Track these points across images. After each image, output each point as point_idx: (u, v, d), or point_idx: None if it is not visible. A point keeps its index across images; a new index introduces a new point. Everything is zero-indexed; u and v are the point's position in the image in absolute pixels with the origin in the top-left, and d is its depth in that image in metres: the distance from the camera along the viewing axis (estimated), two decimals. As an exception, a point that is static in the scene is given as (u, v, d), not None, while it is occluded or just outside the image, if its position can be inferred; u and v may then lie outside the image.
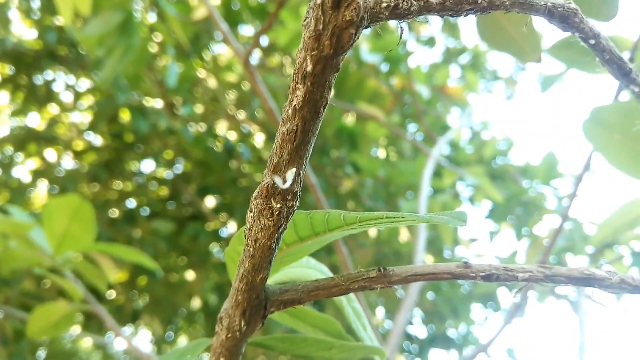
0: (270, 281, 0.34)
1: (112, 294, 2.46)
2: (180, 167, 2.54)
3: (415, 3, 0.23)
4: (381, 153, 2.50)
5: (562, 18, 0.26)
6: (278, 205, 0.25)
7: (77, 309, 0.78)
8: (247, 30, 2.39)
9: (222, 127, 2.55)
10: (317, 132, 0.25)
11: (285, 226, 0.26)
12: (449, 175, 1.78)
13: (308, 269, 0.38)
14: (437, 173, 2.01)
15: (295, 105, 0.23)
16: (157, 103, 2.26)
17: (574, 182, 0.86)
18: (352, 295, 0.42)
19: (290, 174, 0.25)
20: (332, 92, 1.95)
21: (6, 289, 1.90)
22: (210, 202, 2.56)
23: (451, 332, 2.82)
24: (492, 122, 2.56)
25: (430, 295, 2.39)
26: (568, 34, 0.79)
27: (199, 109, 2.49)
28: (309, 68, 0.23)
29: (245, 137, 2.54)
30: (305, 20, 0.22)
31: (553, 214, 1.82)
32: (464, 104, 1.95)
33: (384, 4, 0.23)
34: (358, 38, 0.23)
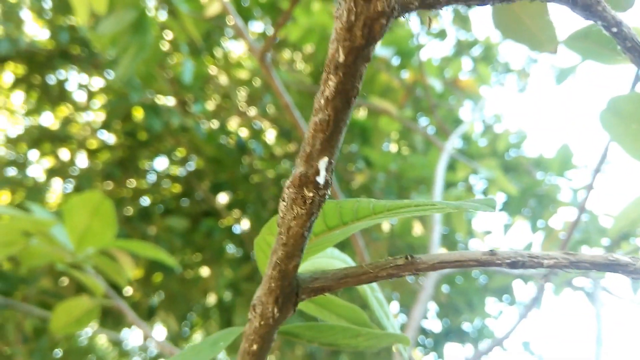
0: (299, 270, 0.35)
1: (128, 291, 2.49)
2: (193, 165, 2.55)
3: None
4: (393, 147, 2.49)
5: (585, 6, 0.26)
6: (310, 194, 0.26)
7: (99, 304, 0.79)
8: (257, 26, 2.40)
9: (234, 124, 2.56)
10: (348, 121, 0.25)
11: (317, 214, 0.27)
12: (462, 168, 1.78)
13: (333, 259, 0.39)
14: (451, 166, 2.00)
15: (327, 95, 0.24)
16: (170, 101, 2.27)
17: (591, 174, 0.86)
18: (375, 285, 0.42)
19: (323, 163, 0.25)
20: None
21: (24, 287, 1.93)
22: (223, 198, 2.57)
23: (466, 326, 2.82)
24: (505, 114, 2.55)
25: (445, 288, 2.39)
26: (584, 24, 0.78)
27: (210, 105, 2.50)
28: (341, 59, 0.23)
29: (257, 134, 2.54)
30: (337, 11, 0.23)
31: (568, 206, 1.81)
32: (477, 97, 1.94)
33: None
34: (390, 27, 0.23)
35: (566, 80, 1.10)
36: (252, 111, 2.55)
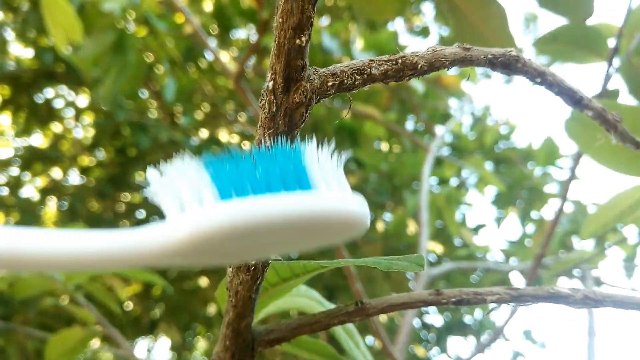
0: (261, 314, 0.36)
1: (129, 306, 2.49)
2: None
3: (358, 77, 0.25)
4: (383, 146, 2.50)
5: (504, 66, 0.27)
6: (253, 262, 0.27)
7: (91, 334, 0.80)
8: (241, 32, 2.40)
9: (223, 133, 2.57)
10: None
11: (262, 278, 0.28)
12: (449, 167, 1.79)
13: (298, 297, 0.40)
14: (440, 163, 2.02)
15: None
16: (157, 114, 2.28)
17: (572, 165, 0.87)
18: None
19: None
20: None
21: (25, 309, 1.93)
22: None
23: (467, 319, 2.83)
24: (493, 107, 2.56)
25: (442, 285, 2.40)
26: (551, 27, 0.79)
27: (199, 115, 2.51)
28: (268, 144, 0.25)
29: (248, 139, 2.55)
30: (260, 102, 0.25)
31: (556, 197, 1.83)
32: (461, 93, 1.95)
33: (330, 83, 0.25)
34: (309, 113, 0.24)
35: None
36: (242, 117, 2.56)
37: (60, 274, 0.73)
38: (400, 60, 0.26)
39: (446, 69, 0.27)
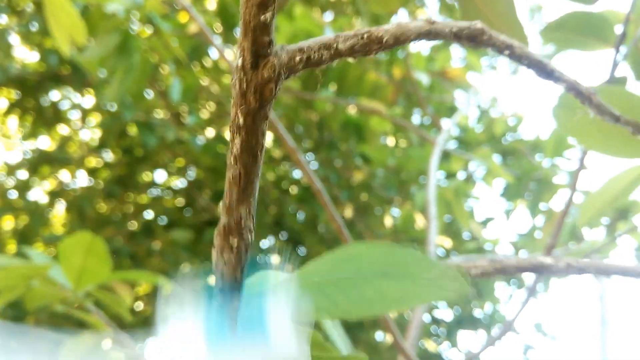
0: None
1: (139, 306, 2.51)
2: (192, 175, 2.57)
3: (325, 52, 0.26)
4: (390, 141, 2.50)
5: (470, 38, 0.27)
6: (235, 241, 0.28)
7: (101, 340, 0.80)
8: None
9: (229, 131, 2.57)
10: (259, 173, 0.28)
11: (245, 259, 0.29)
12: (457, 161, 1.78)
13: None
14: (447, 157, 2.01)
15: (235, 153, 0.27)
16: (163, 114, 2.28)
17: (580, 155, 0.86)
18: None
19: (243, 211, 0.28)
20: (335, 88, 1.94)
21: (36, 312, 1.95)
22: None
23: (477, 313, 2.83)
24: (500, 98, 2.55)
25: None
26: (558, 14, 0.78)
27: (205, 114, 2.51)
28: (241, 121, 0.26)
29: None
30: (232, 80, 0.26)
31: (565, 188, 1.81)
32: (467, 86, 1.94)
33: (297, 58, 0.26)
34: (280, 88, 0.26)
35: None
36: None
37: (69, 282, 0.73)
38: (365, 35, 0.27)
39: (412, 42, 0.27)
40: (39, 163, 2.48)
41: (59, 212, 2.60)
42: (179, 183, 2.61)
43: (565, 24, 0.76)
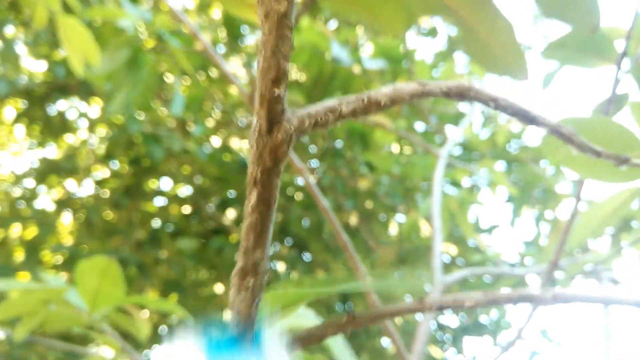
0: None
1: (145, 314, 2.52)
2: (198, 183, 2.58)
3: (331, 116, 0.30)
4: (395, 148, 2.51)
5: (459, 95, 0.31)
6: (251, 281, 0.31)
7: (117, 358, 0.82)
8: (250, 39, 2.41)
9: (235, 140, 2.59)
10: (273, 220, 0.31)
11: (260, 297, 0.32)
12: (461, 172, 1.79)
13: (297, 318, 0.45)
14: (452, 165, 2.02)
15: (252, 204, 0.30)
16: (169, 124, 2.30)
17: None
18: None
19: (258, 255, 0.31)
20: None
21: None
22: (231, 214, 2.60)
23: (483, 319, 2.83)
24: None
25: (458, 287, 2.40)
26: (561, 34, 0.80)
27: (210, 123, 2.53)
28: (258, 176, 0.30)
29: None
30: (250, 142, 0.30)
31: (569, 197, 1.82)
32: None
33: (306, 123, 0.30)
34: (291, 148, 0.30)
35: (551, 84, 1.11)
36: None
37: (85, 305, 0.75)
38: (366, 99, 0.31)
39: (405, 104, 0.30)
40: (46, 172, 2.51)
41: (67, 221, 2.62)
42: (185, 191, 2.63)
43: (566, 43, 0.77)
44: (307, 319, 0.44)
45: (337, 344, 0.45)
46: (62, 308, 0.72)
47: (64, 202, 2.48)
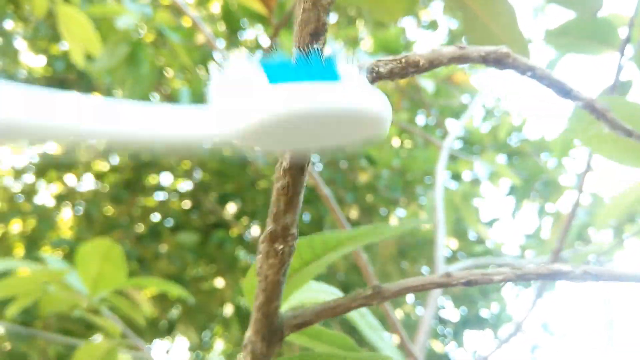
0: (284, 307, 0.39)
1: (149, 311, 2.51)
2: (198, 178, 2.58)
3: (368, 76, 0.28)
4: (395, 142, 2.50)
5: (496, 62, 0.30)
6: (281, 247, 0.31)
7: (117, 345, 0.81)
8: (249, 33, 2.40)
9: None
10: (304, 184, 0.30)
11: (289, 262, 0.32)
12: (463, 164, 1.78)
13: (316, 293, 0.44)
14: (453, 158, 2.01)
15: (284, 166, 0.29)
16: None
17: (587, 156, 0.87)
18: (364, 310, 0.48)
19: (289, 219, 0.30)
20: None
21: (45, 315, 1.96)
22: (231, 208, 2.59)
23: (484, 313, 2.83)
24: (505, 98, 2.55)
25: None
26: (562, 20, 0.79)
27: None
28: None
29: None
30: None
31: (572, 189, 1.81)
32: (472, 90, 1.94)
33: None
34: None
35: (554, 70, 1.10)
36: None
37: (85, 288, 0.74)
38: (404, 60, 0.29)
39: (444, 66, 0.30)
40: (46, 167, 2.50)
41: (66, 215, 2.61)
42: (185, 185, 2.62)
43: (569, 29, 0.77)
44: (328, 294, 0.44)
45: (365, 318, 0.45)
46: (62, 290, 0.72)
47: (64, 197, 2.47)
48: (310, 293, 0.44)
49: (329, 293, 0.44)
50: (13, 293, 0.73)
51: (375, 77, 0.29)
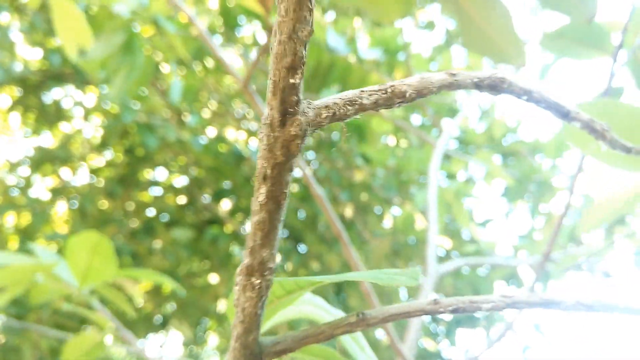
0: (269, 323, 0.38)
1: (140, 303, 2.52)
2: (193, 174, 2.58)
3: (350, 108, 0.27)
4: (391, 141, 2.50)
5: (491, 87, 0.28)
6: (258, 281, 0.30)
7: (106, 337, 0.81)
8: (247, 29, 2.40)
9: (231, 131, 2.58)
10: (282, 219, 0.29)
11: (266, 295, 0.31)
12: (457, 163, 1.79)
13: (303, 305, 0.43)
14: (448, 158, 2.02)
15: (260, 201, 0.28)
16: (165, 113, 2.29)
17: (579, 158, 0.87)
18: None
19: (266, 254, 0.29)
20: (337, 89, 1.95)
21: (38, 309, 1.96)
22: (226, 204, 2.59)
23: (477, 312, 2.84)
24: (500, 98, 2.56)
25: (452, 279, 2.41)
26: (559, 24, 0.79)
27: (206, 113, 2.52)
28: (268, 172, 0.27)
29: (255, 135, 2.56)
30: (260, 134, 0.27)
31: (565, 190, 1.82)
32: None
33: (324, 115, 0.27)
34: (305, 143, 0.27)
35: (548, 74, 1.11)
36: (250, 113, 2.57)
37: (75, 280, 0.74)
38: (389, 90, 0.28)
39: (433, 94, 0.28)
40: (41, 160, 2.49)
41: (61, 209, 2.61)
42: (180, 181, 2.62)
43: (564, 33, 0.77)
44: (315, 306, 0.43)
45: (354, 340, 0.44)
46: (51, 282, 0.72)
47: (59, 191, 2.47)
48: (296, 306, 0.43)
49: (316, 306, 0.43)
50: (2, 284, 0.74)
51: (359, 109, 0.27)
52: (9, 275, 0.70)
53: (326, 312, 0.42)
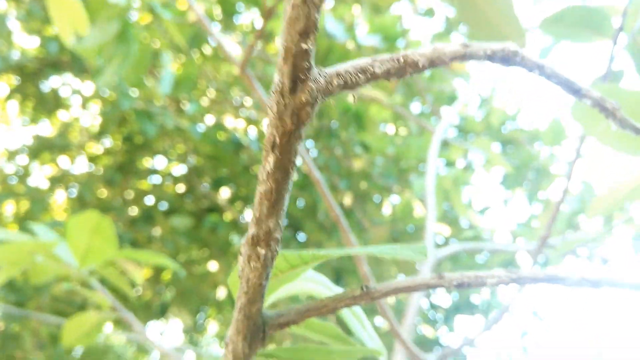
0: (271, 298, 0.38)
1: (139, 291, 2.53)
2: (192, 162, 2.58)
3: (362, 76, 0.27)
4: (390, 129, 2.50)
5: (504, 60, 0.28)
6: (263, 251, 0.29)
7: (106, 317, 0.82)
8: (245, 17, 2.39)
9: (229, 119, 2.57)
10: (289, 189, 0.29)
11: (271, 266, 0.30)
12: (456, 150, 1.79)
13: (306, 282, 0.43)
14: (446, 145, 2.01)
15: (268, 170, 0.27)
16: (163, 101, 2.28)
17: (577, 145, 0.87)
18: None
19: (272, 224, 0.29)
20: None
21: (38, 296, 1.97)
22: (225, 193, 2.59)
23: (475, 298, 2.86)
24: (500, 86, 2.55)
25: (449, 265, 2.41)
26: (558, 7, 0.79)
27: (205, 101, 2.51)
28: (277, 140, 0.27)
29: (254, 123, 2.56)
30: (269, 101, 0.26)
31: (562, 177, 1.82)
32: (467, 75, 1.94)
33: (335, 83, 0.27)
34: (316, 111, 0.27)
35: (547, 58, 1.10)
36: (248, 102, 2.56)
37: (75, 260, 0.75)
38: (402, 59, 0.27)
39: (445, 65, 0.27)
40: (40, 149, 2.49)
41: (60, 198, 2.61)
42: (179, 169, 2.62)
43: (564, 17, 0.77)
44: (318, 283, 0.43)
45: (356, 317, 0.44)
46: (50, 261, 0.72)
47: (57, 179, 2.47)
48: (299, 282, 0.43)
49: (319, 283, 0.43)
50: (1, 262, 0.74)
51: (370, 77, 0.27)
52: (9, 253, 0.70)
53: (328, 289, 0.43)
